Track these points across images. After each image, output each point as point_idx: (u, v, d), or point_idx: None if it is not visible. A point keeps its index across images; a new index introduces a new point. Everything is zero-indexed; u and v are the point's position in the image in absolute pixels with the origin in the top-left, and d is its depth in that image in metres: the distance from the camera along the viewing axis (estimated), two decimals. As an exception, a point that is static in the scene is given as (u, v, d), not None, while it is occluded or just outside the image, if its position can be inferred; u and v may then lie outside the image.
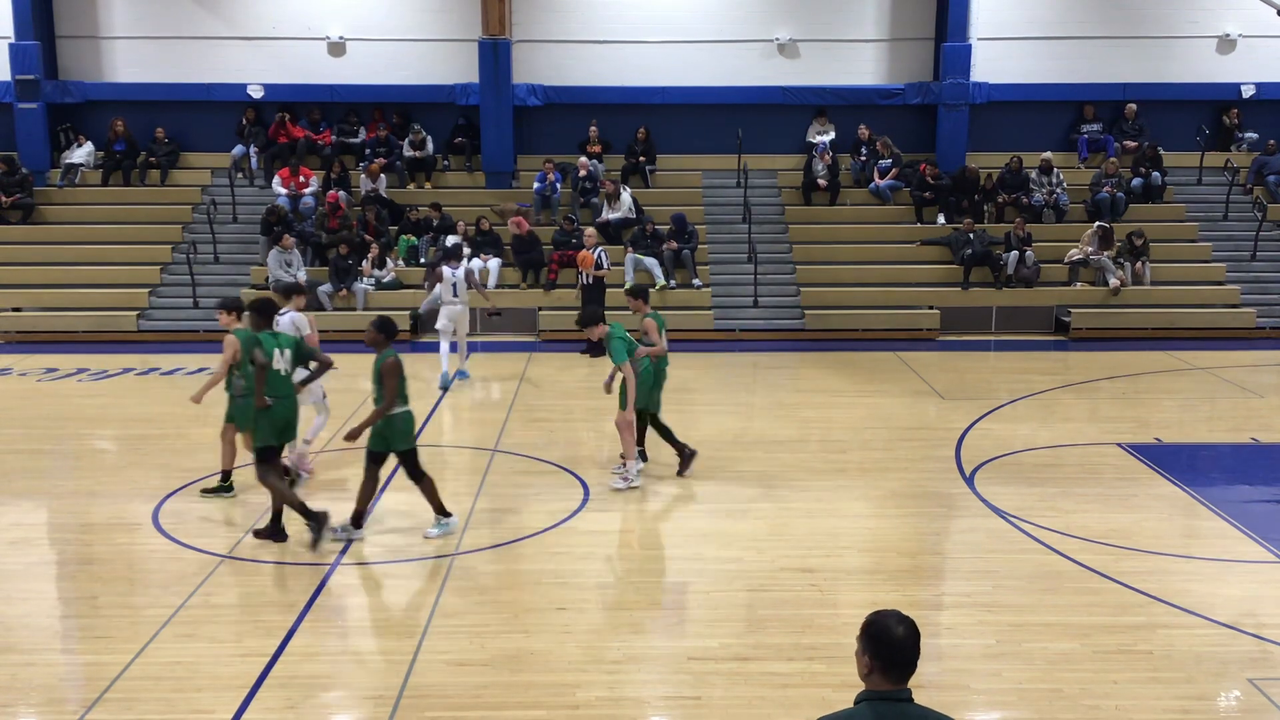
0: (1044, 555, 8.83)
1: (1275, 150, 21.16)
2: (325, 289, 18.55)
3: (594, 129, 21.23)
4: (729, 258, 19.86)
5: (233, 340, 9.39)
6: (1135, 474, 10.96)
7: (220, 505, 10.01)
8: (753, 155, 21.33)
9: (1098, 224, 19.27)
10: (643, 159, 21.22)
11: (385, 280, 18.90)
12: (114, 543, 9.16)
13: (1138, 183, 20.73)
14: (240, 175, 21.03)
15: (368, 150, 21.29)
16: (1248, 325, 18.57)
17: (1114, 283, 18.68)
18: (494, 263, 18.93)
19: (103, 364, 16.34)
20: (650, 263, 18.83)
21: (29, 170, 20.86)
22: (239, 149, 21.18)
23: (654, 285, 18.40)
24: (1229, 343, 17.89)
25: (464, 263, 15.42)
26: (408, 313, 18.24)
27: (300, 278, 17.85)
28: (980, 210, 20.24)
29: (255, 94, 21.40)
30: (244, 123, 21.33)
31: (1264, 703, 6.58)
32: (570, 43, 21.55)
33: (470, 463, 11.60)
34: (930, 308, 18.78)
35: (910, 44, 21.76)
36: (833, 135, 21.56)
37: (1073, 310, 18.66)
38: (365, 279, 18.78)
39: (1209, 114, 21.80)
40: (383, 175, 20.58)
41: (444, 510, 9.23)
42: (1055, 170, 20.72)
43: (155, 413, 13.41)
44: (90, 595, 8.12)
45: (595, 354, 16.07)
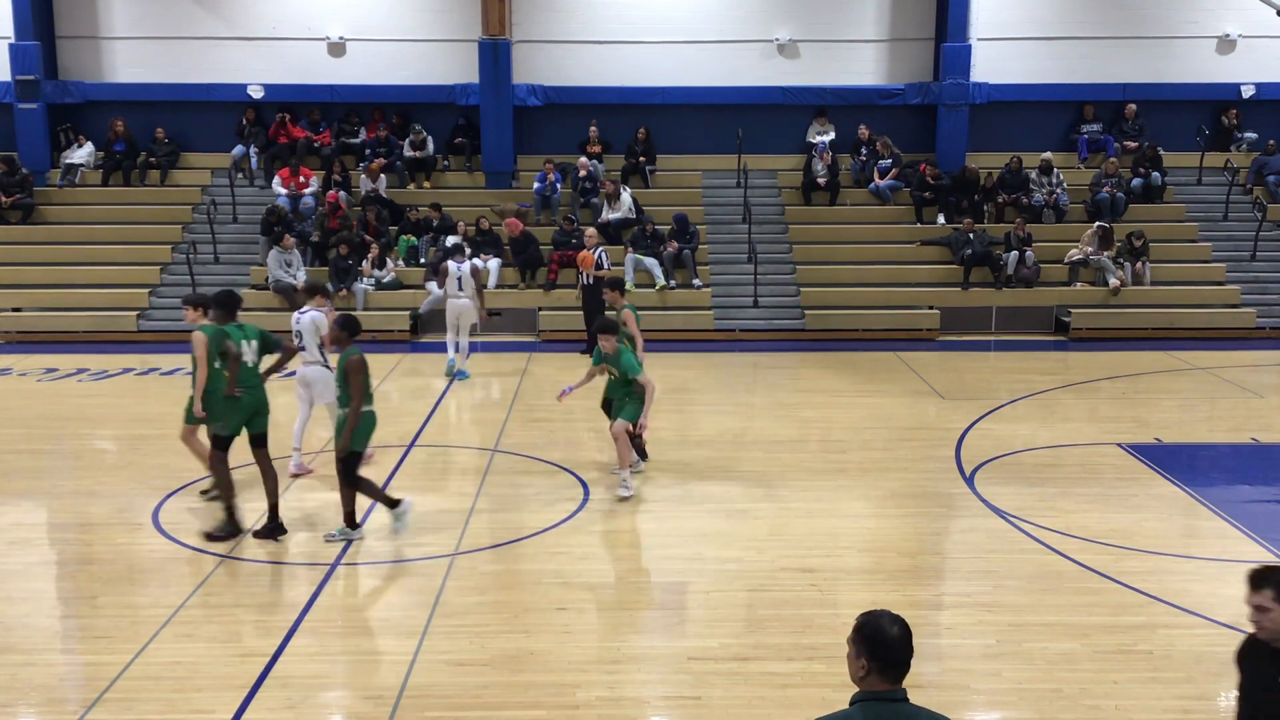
0: (1044, 555, 8.83)
1: (1275, 150, 21.15)
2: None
3: (594, 129, 21.22)
4: (729, 258, 19.85)
5: (201, 336, 9.21)
6: (1135, 474, 10.96)
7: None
8: (753, 155, 21.32)
9: (1098, 224, 19.26)
10: (643, 159, 21.21)
11: (385, 280, 18.89)
12: (114, 543, 9.16)
13: (1138, 183, 20.73)
14: (240, 175, 21.02)
15: (368, 150, 21.28)
16: (1248, 325, 18.56)
17: (1114, 283, 18.67)
18: (494, 263, 18.92)
19: (103, 364, 16.34)
20: (650, 263, 18.83)
21: (29, 170, 20.84)
22: (239, 149, 21.17)
23: (654, 285, 18.46)
24: (1229, 343, 17.88)
25: (468, 260, 15.46)
26: (408, 313, 18.28)
27: (300, 278, 17.84)
28: (980, 210, 20.24)
29: (255, 94, 21.40)
30: (244, 123, 21.33)
31: (1264, 703, 6.57)
32: (570, 43, 21.54)
33: (470, 463, 11.59)
34: (930, 308, 18.77)
35: (910, 44, 21.75)
36: (833, 135, 21.54)
37: (1073, 310, 18.65)
38: (365, 279, 18.78)
39: (1209, 114, 21.79)
40: (383, 175, 20.56)
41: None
42: (1055, 170, 20.71)
43: (155, 413, 13.38)
44: (90, 595, 8.12)
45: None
